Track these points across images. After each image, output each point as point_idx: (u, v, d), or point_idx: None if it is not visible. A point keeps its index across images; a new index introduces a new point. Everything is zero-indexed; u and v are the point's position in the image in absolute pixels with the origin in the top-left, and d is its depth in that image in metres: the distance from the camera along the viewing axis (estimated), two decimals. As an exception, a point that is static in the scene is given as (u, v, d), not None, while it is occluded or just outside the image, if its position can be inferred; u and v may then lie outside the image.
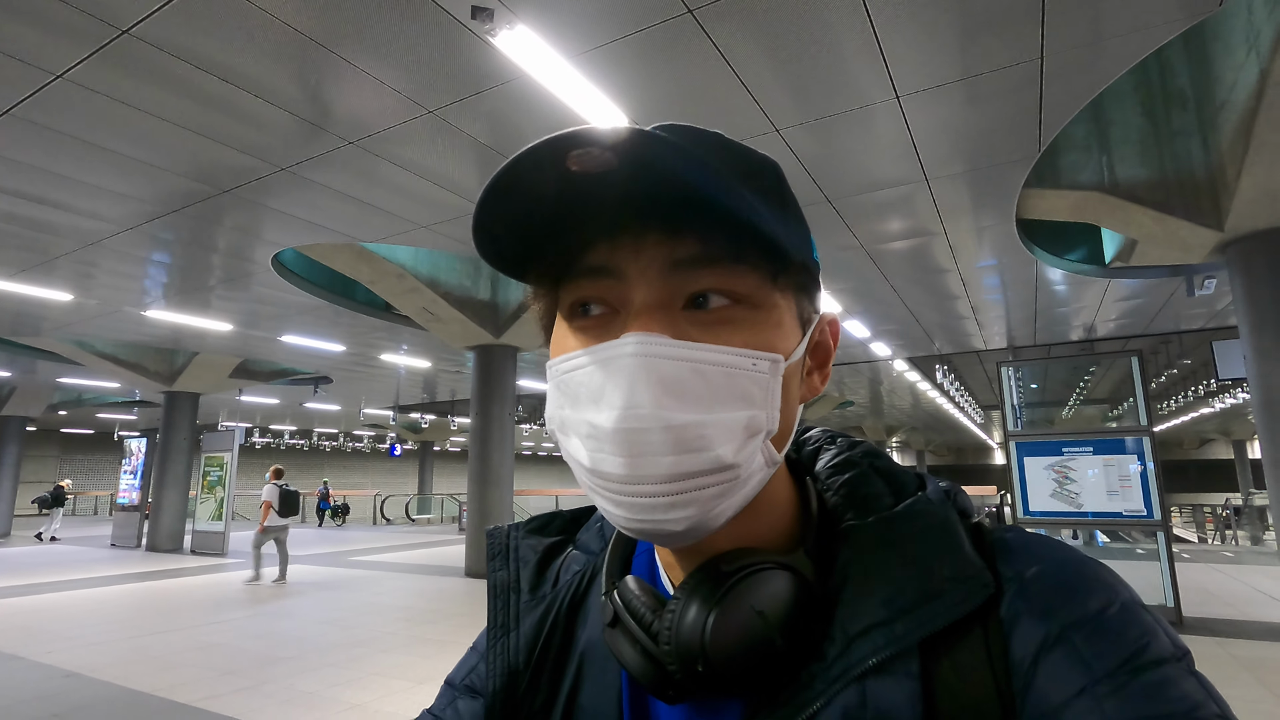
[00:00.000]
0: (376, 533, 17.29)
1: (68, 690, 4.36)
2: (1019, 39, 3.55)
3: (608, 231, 0.41)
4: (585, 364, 0.41)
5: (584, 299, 0.42)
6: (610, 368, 0.39)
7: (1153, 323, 10.25)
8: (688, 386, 0.38)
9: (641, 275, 0.40)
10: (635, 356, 0.38)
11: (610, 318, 0.42)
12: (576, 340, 0.42)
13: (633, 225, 0.40)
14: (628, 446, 0.38)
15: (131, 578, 9.40)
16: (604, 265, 0.41)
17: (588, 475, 0.41)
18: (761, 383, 0.40)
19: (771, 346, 0.41)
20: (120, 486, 14.16)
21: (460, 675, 0.56)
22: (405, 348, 12.14)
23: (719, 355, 0.39)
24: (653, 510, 0.39)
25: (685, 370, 0.38)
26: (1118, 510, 6.12)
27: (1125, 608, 0.39)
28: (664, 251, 0.40)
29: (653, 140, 0.35)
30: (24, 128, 4.34)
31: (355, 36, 3.47)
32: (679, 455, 0.38)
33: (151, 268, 7.23)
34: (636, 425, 0.37)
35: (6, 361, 12.95)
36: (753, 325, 0.41)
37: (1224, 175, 5.30)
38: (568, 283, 0.43)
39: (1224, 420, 25.53)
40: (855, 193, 5.45)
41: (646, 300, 0.40)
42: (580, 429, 0.41)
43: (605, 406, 0.39)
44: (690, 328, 0.40)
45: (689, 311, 0.41)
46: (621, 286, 0.41)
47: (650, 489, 0.38)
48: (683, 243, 0.40)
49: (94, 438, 29.06)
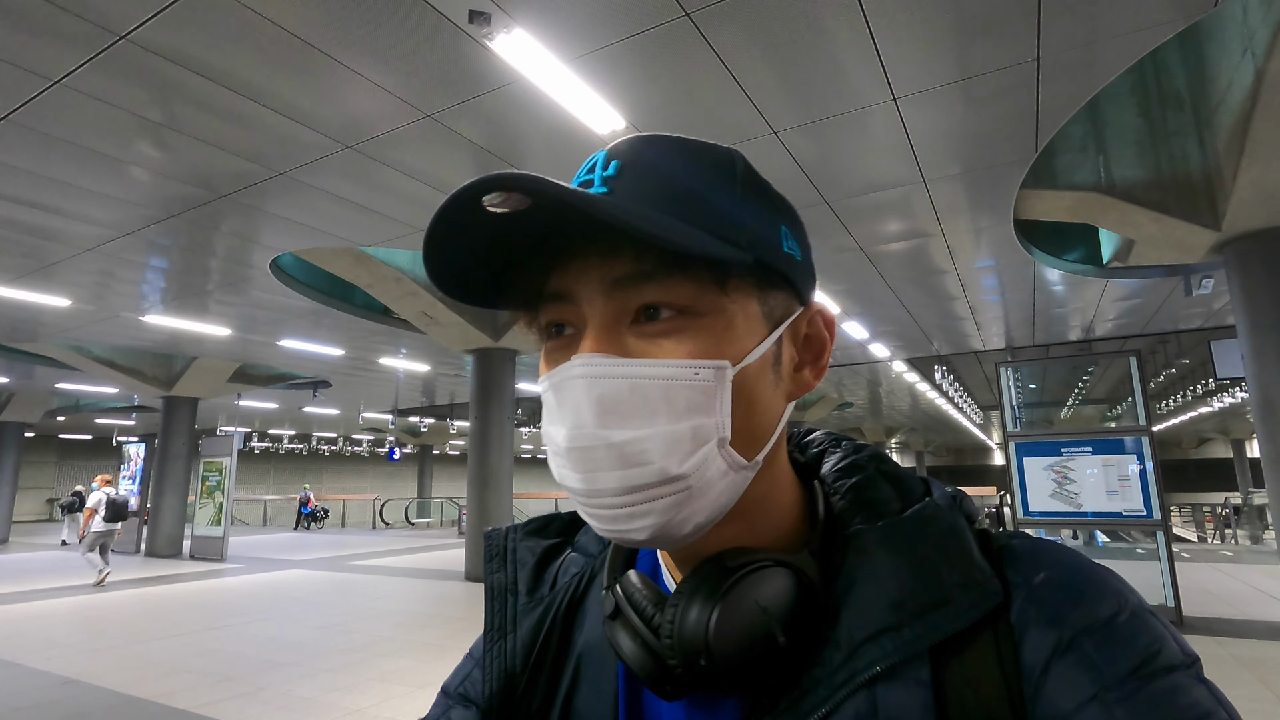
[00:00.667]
0: (376, 537, 17.26)
1: (66, 697, 4.35)
2: (1015, 40, 3.56)
3: (559, 260, 0.43)
4: (547, 386, 0.43)
5: (552, 322, 0.45)
6: (562, 390, 0.41)
7: (1151, 322, 10.26)
8: (625, 403, 0.39)
9: (588, 298, 0.42)
10: (579, 378, 0.40)
11: (574, 338, 0.43)
12: (548, 362, 0.45)
13: (578, 251, 0.42)
14: (580, 463, 0.40)
15: (130, 583, 9.38)
16: (558, 290, 0.43)
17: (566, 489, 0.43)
18: (706, 390, 0.40)
19: (717, 353, 0.41)
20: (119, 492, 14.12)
21: (455, 683, 0.55)
22: (404, 351, 12.13)
23: (654, 369, 0.40)
24: (615, 520, 0.40)
25: (623, 387, 0.40)
26: (1117, 510, 6.13)
27: (1135, 615, 0.39)
28: (603, 272, 0.41)
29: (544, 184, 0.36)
30: (22, 134, 4.34)
31: (352, 40, 3.47)
32: (625, 470, 0.39)
33: (149, 273, 7.22)
34: (582, 444, 0.40)
35: (4, 367, 12.92)
36: (696, 333, 0.41)
37: (1220, 175, 5.31)
38: (540, 308, 0.45)
39: (1222, 419, 25.55)
40: (853, 194, 5.46)
41: (594, 320, 0.42)
42: (550, 444, 0.43)
43: (560, 425, 0.41)
44: (636, 341, 0.41)
45: (636, 325, 0.42)
46: (576, 309, 0.43)
47: (608, 500, 0.40)
48: (617, 262, 0.41)
49: (92, 443, 28.99)
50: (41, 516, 27.01)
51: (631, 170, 0.43)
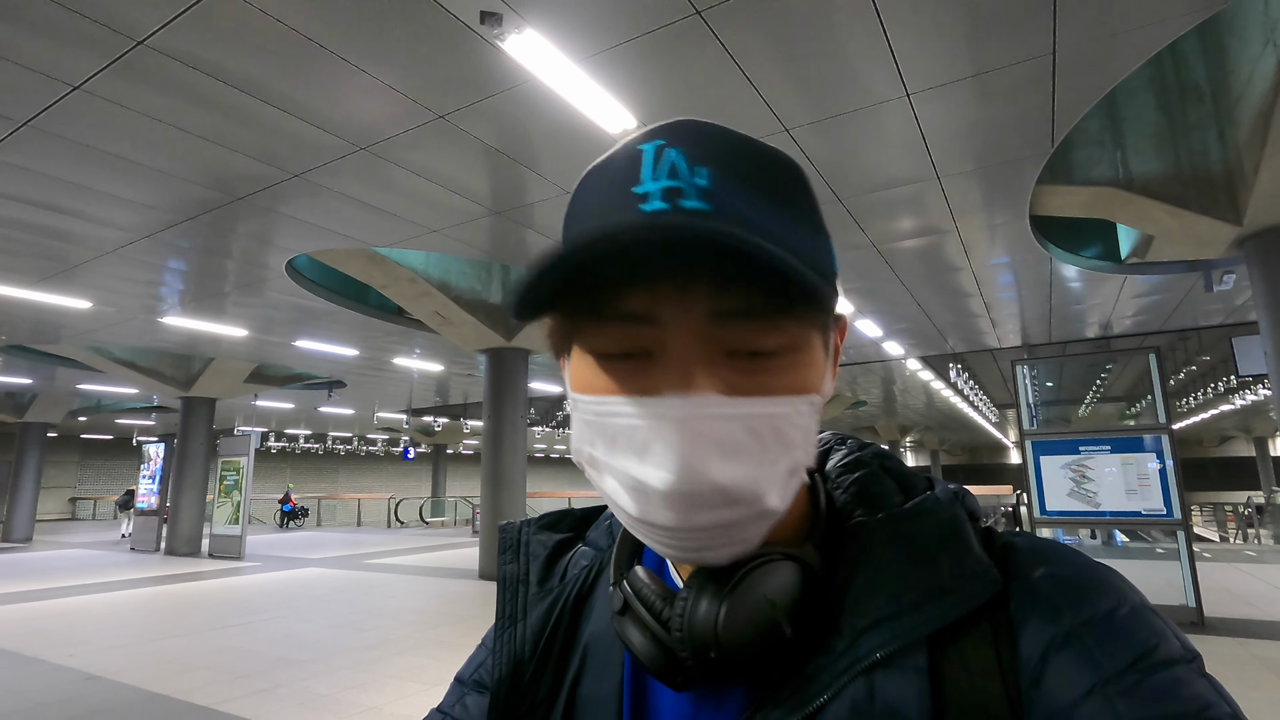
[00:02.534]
0: (390, 536, 17.39)
1: (89, 693, 4.42)
2: (1030, 34, 3.52)
3: (647, 278, 0.38)
4: (623, 414, 0.39)
5: (616, 342, 0.40)
6: (657, 427, 0.38)
7: (1170, 319, 10.12)
8: (739, 444, 0.38)
9: (682, 325, 0.38)
10: (687, 420, 0.37)
11: (645, 363, 0.40)
12: (605, 383, 0.41)
13: (675, 275, 0.38)
14: (679, 505, 0.38)
15: (150, 581, 9.52)
16: (642, 313, 0.39)
17: (632, 521, 0.41)
18: (801, 425, 0.40)
19: (811, 387, 0.41)
20: (139, 491, 14.34)
21: (469, 671, 0.57)
22: (418, 351, 12.21)
23: (765, 408, 0.39)
24: (699, 550, 0.40)
25: (736, 428, 0.38)
26: (1136, 509, 6.04)
27: (1135, 610, 0.39)
28: (709, 304, 0.38)
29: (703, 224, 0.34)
30: (43, 139, 4.41)
31: (365, 43, 3.50)
32: (729, 509, 0.38)
33: (168, 275, 7.32)
34: (688, 489, 0.37)
35: (27, 369, 13.15)
36: (793, 369, 0.40)
37: (1241, 169, 5.22)
38: (596, 323, 0.40)
39: (1245, 417, 25.16)
40: (866, 191, 5.42)
41: (690, 353, 0.39)
42: (622, 479, 0.40)
43: (653, 465, 0.38)
44: (734, 377, 0.39)
45: (732, 360, 0.39)
46: (659, 334, 0.39)
47: (698, 535, 0.39)
48: (728, 295, 0.38)
49: (113, 443, 29.45)
50: (64, 515, 27.46)
51: (725, 184, 0.39)
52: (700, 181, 0.39)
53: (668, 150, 0.40)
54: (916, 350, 12.37)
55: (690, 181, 0.38)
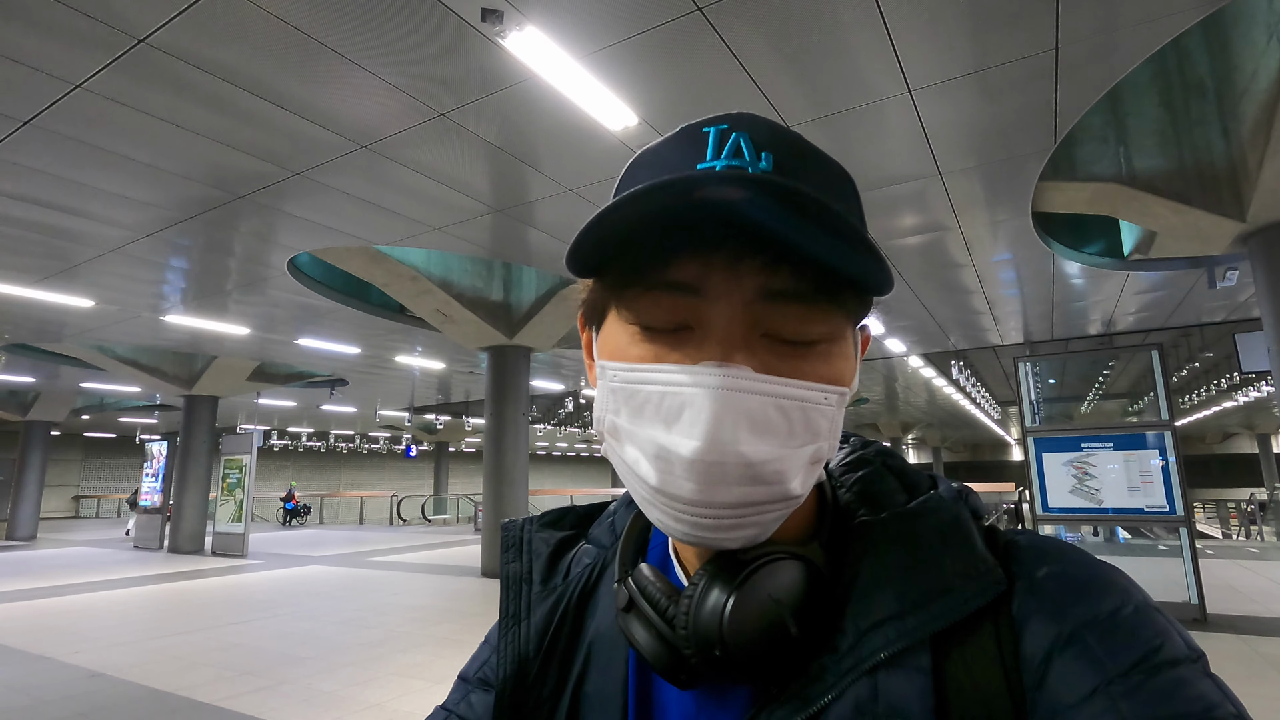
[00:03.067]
0: (393, 533, 17.42)
1: (93, 690, 4.43)
2: (1033, 30, 3.51)
3: (701, 249, 0.39)
4: (658, 381, 0.40)
5: (660, 311, 0.40)
6: (691, 396, 0.38)
7: (1173, 315, 10.09)
8: (769, 422, 0.38)
9: (728, 299, 0.39)
10: (721, 390, 0.38)
11: (686, 335, 0.40)
12: (641, 351, 0.41)
13: (727, 248, 0.39)
14: (703, 476, 0.38)
15: (154, 579, 9.54)
16: (691, 283, 0.39)
17: (649, 490, 0.40)
18: (829, 415, 0.41)
19: (842, 379, 0.42)
20: (142, 489, 14.38)
21: (473, 669, 0.57)
22: (419, 349, 12.22)
23: (800, 391, 0.39)
24: (715, 530, 0.40)
25: (769, 406, 0.38)
26: (1139, 506, 6.03)
27: (1139, 609, 0.39)
28: (758, 280, 0.39)
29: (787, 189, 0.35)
30: (45, 137, 4.41)
31: (366, 41, 3.50)
32: (752, 487, 0.38)
33: (170, 273, 7.33)
34: (716, 459, 0.37)
35: (30, 367, 13.18)
36: (828, 359, 0.41)
37: (1245, 165, 5.21)
38: (641, 290, 0.41)
39: (1248, 414, 25.09)
40: (868, 188, 5.41)
41: (732, 328, 0.39)
42: (645, 447, 0.40)
43: (682, 434, 0.38)
44: (770, 358, 0.40)
45: (769, 342, 0.40)
46: (704, 306, 0.40)
47: (717, 512, 0.39)
48: (778, 275, 0.39)
49: (116, 441, 29.51)
50: (68, 514, 27.54)
51: (787, 169, 0.40)
52: (764, 164, 0.40)
53: (733, 133, 0.41)
54: (918, 347, 12.35)
55: (754, 163, 0.40)
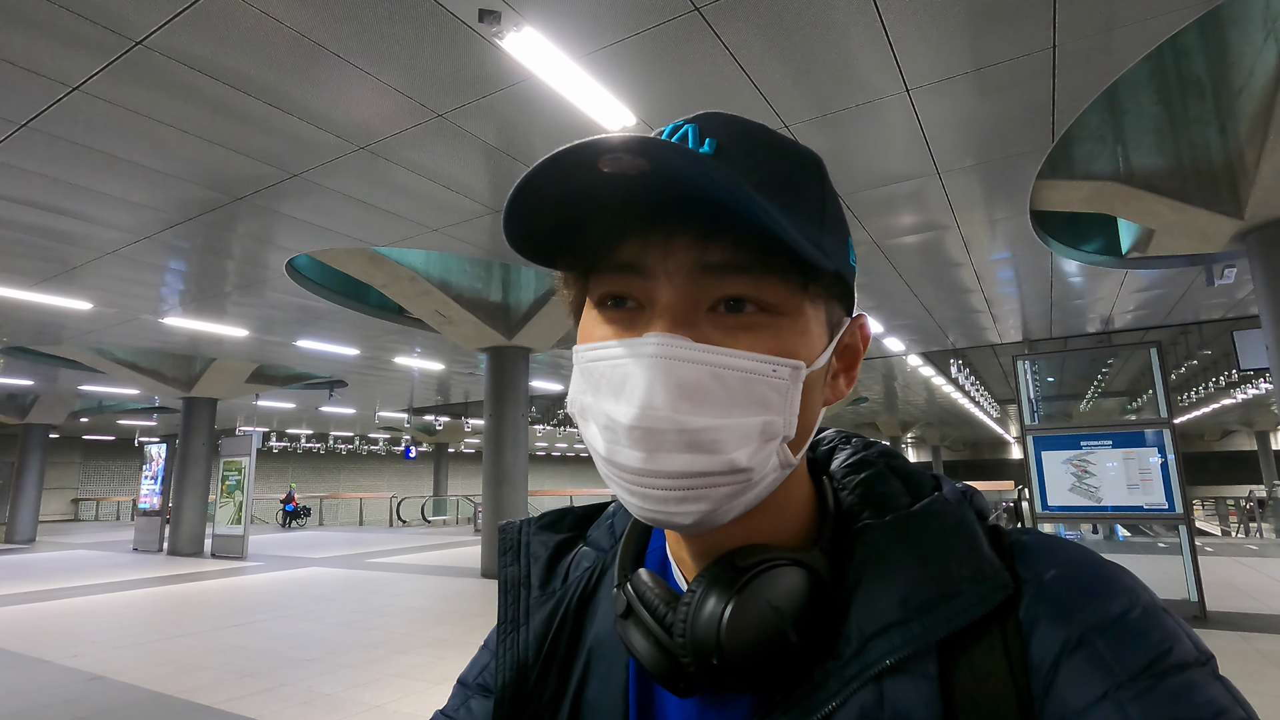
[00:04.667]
0: (393, 535, 17.41)
1: (93, 693, 4.43)
2: (1030, 29, 3.51)
3: (639, 229, 0.41)
4: (608, 356, 0.41)
5: (612, 293, 0.43)
6: (631, 365, 0.40)
7: (1172, 313, 10.10)
8: (705, 390, 0.39)
9: (669, 276, 0.40)
10: (655, 357, 0.39)
11: (637, 312, 0.42)
12: (603, 331, 0.43)
13: (664, 226, 0.40)
14: (642, 443, 0.39)
15: (153, 581, 9.53)
16: (633, 262, 0.41)
17: (603, 462, 0.42)
18: (781, 389, 0.40)
19: (794, 353, 0.41)
20: (141, 492, 14.36)
21: (473, 674, 0.57)
22: (418, 350, 12.21)
23: (738, 360, 0.39)
24: (664, 502, 0.40)
25: (704, 374, 0.39)
26: (1138, 504, 6.03)
27: (1147, 611, 0.39)
28: (693, 255, 0.40)
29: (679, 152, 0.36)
30: (43, 140, 4.41)
31: (364, 42, 3.49)
32: (692, 455, 0.38)
33: (168, 275, 7.32)
34: (651, 425, 0.38)
35: (29, 370, 13.16)
36: (777, 332, 0.41)
37: (1243, 162, 5.21)
38: (597, 275, 0.43)
39: (1246, 411, 25.11)
40: (866, 187, 5.41)
41: (671, 301, 0.40)
42: (599, 418, 0.41)
43: (623, 402, 0.39)
44: (713, 331, 0.40)
45: (713, 315, 0.41)
46: (649, 284, 0.41)
47: (663, 482, 0.39)
48: (712, 247, 0.40)
49: (115, 444, 29.47)
50: (67, 516, 27.49)
51: (731, 153, 0.41)
52: (705, 148, 0.41)
53: (685, 125, 0.42)
54: (917, 346, 12.35)
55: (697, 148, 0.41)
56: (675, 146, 0.36)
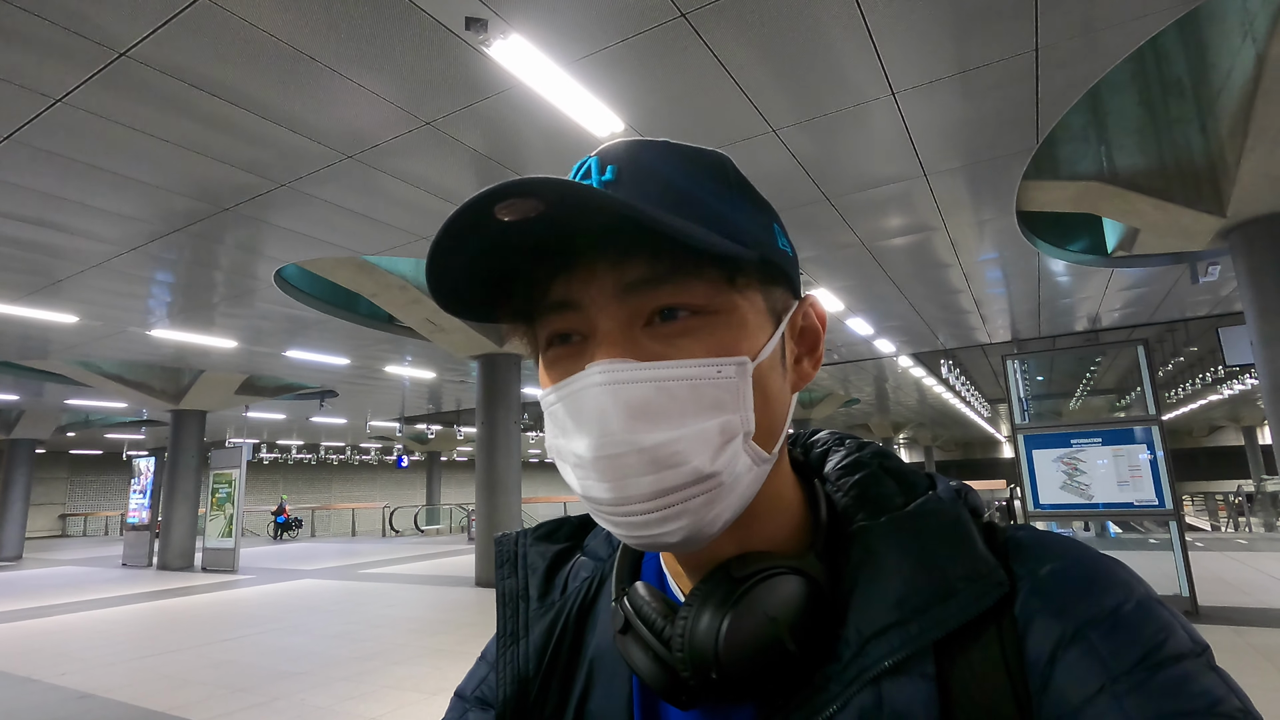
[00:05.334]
0: (386, 545, 17.29)
1: (82, 712, 4.37)
2: (1013, 31, 3.55)
3: (562, 267, 0.42)
4: (560, 397, 0.42)
5: (555, 332, 0.43)
6: (580, 399, 0.40)
7: (1158, 311, 10.20)
8: (655, 406, 0.39)
9: (596, 304, 0.41)
10: (601, 386, 0.39)
11: (581, 345, 0.43)
12: (555, 372, 0.43)
13: (583, 258, 0.41)
14: (608, 472, 0.39)
15: (143, 597, 9.42)
16: (564, 299, 0.42)
17: (583, 500, 0.42)
18: (729, 387, 0.41)
19: (735, 349, 0.41)
20: (130, 506, 14.20)
21: (471, 687, 0.56)
22: (409, 359, 12.16)
23: (680, 370, 0.40)
24: (646, 526, 0.40)
25: (650, 390, 0.39)
26: (1129, 500, 6.08)
27: (1142, 604, 0.39)
28: (614, 277, 0.41)
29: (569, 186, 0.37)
30: (26, 153, 4.37)
31: (350, 50, 3.49)
32: (658, 473, 0.39)
33: (155, 287, 7.26)
34: (611, 452, 0.39)
35: (14, 385, 13.01)
36: (713, 331, 0.41)
37: (1224, 161, 5.28)
38: (539, 319, 0.44)
39: (1233, 407, 25.40)
40: (854, 190, 5.45)
41: (606, 327, 0.41)
42: (569, 458, 0.42)
43: (582, 436, 0.40)
44: (652, 344, 0.41)
45: (650, 328, 0.41)
46: (583, 317, 0.42)
47: (639, 507, 0.39)
48: (631, 266, 0.41)
49: (103, 458, 29.13)
50: (54, 533, 27.15)
51: (630, 175, 0.42)
52: (606, 176, 0.42)
53: (589, 160, 0.44)
54: (907, 347, 12.41)
55: (598, 178, 0.42)
56: (564, 182, 0.37)
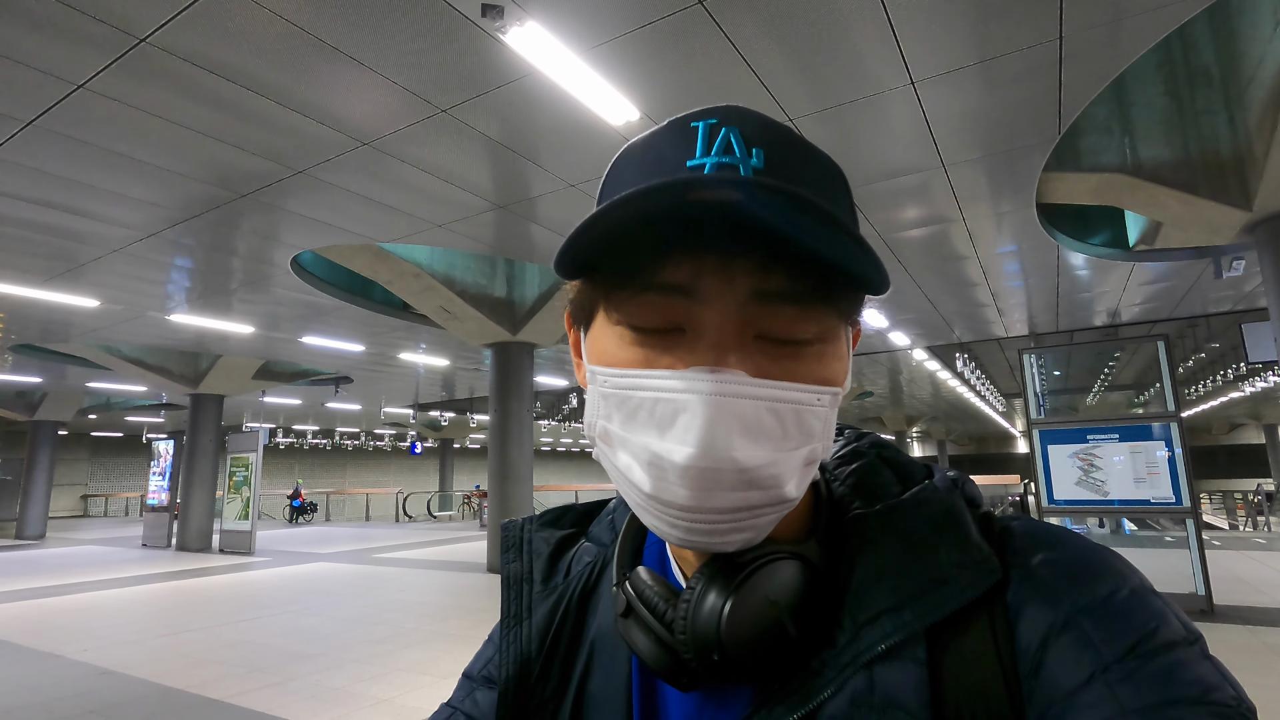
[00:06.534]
0: (399, 530, 17.49)
1: (103, 687, 4.47)
2: (1036, 20, 3.48)
3: (694, 250, 0.38)
4: (650, 388, 0.39)
5: (651, 313, 0.40)
6: (685, 402, 0.37)
7: (1179, 306, 10.03)
8: (763, 426, 0.38)
9: (722, 301, 0.38)
10: (715, 395, 0.37)
11: (677, 337, 0.40)
12: (633, 355, 0.40)
13: (719, 249, 0.38)
14: (698, 482, 0.37)
15: (162, 577, 9.60)
16: (683, 285, 0.39)
17: (643, 497, 0.40)
18: (822, 416, 0.41)
19: (834, 380, 0.41)
20: (149, 488, 14.45)
21: (478, 667, 0.57)
22: (423, 346, 12.24)
23: (792, 394, 0.39)
24: (710, 535, 0.39)
25: (761, 410, 0.38)
26: (1145, 498, 6.01)
27: (1134, 592, 0.39)
28: (751, 281, 0.38)
29: (784, 193, 0.34)
30: (48, 138, 4.42)
31: (367, 38, 3.49)
32: (747, 492, 0.38)
33: (174, 272, 7.35)
34: (710, 465, 0.37)
35: (38, 367, 13.24)
36: (821, 360, 0.41)
37: (1251, 153, 5.17)
38: (632, 292, 0.40)
39: (1254, 404, 24.96)
40: (871, 181, 5.39)
41: (724, 329, 0.39)
42: (638, 453, 0.39)
43: (676, 441, 0.38)
44: (763, 361, 0.39)
45: (762, 344, 0.40)
46: (695, 308, 0.39)
47: (714, 518, 0.38)
48: (772, 276, 0.38)
49: (123, 440, 29.65)
50: (76, 513, 27.70)
51: (778, 166, 0.39)
52: (755, 161, 0.39)
53: (723, 128, 0.40)
54: (923, 340, 12.31)
55: (745, 160, 0.39)
56: (767, 185, 0.34)
